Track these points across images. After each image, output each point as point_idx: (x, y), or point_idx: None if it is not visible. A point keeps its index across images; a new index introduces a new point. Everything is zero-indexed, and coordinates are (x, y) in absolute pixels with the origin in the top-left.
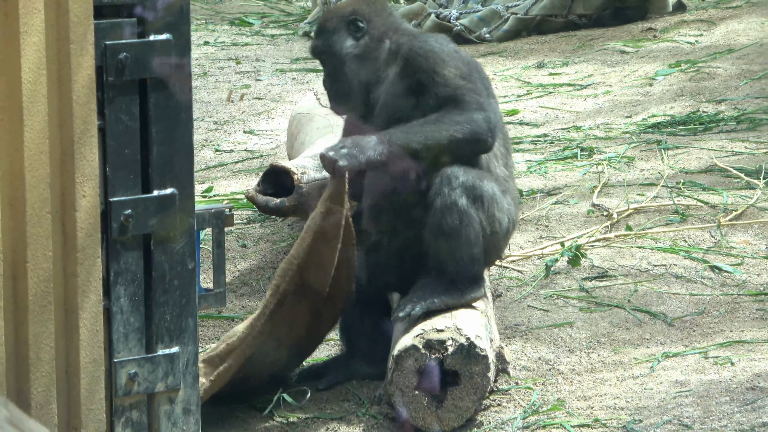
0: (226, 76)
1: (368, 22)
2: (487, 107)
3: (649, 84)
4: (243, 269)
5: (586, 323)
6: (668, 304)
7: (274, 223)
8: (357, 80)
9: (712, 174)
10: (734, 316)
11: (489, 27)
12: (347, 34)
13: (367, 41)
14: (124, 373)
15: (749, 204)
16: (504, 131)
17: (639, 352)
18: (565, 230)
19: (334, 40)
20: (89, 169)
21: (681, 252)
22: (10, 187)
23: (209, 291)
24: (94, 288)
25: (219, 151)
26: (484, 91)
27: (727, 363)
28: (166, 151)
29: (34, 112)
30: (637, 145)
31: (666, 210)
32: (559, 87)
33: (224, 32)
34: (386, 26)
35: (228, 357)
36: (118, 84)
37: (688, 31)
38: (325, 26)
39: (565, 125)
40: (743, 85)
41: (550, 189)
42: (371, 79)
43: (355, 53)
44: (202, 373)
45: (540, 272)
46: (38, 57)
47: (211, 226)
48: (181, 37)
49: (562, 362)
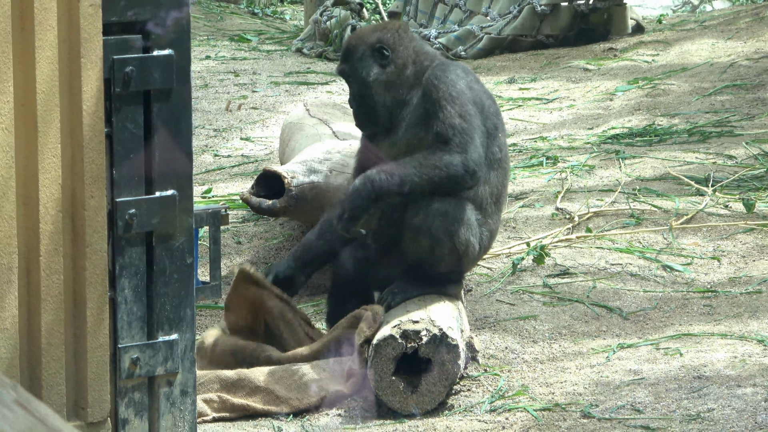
0: (226, 88)
1: (393, 51)
2: (469, 149)
3: (610, 99)
4: (238, 264)
5: (548, 316)
6: (624, 299)
7: (267, 223)
8: (382, 104)
9: (666, 182)
10: (684, 311)
11: (465, 45)
12: (373, 61)
13: (392, 69)
14: (127, 357)
15: (699, 209)
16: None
17: (596, 343)
18: (531, 231)
19: (360, 67)
20: (97, 172)
21: (636, 252)
22: (24, 187)
23: (206, 284)
24: (101, 280)
25: (218, 156)
26: (477, 131)
27: (676, 354)
28: (168, 156)
29: (48, 119)
30: (597, 155)
31: (623, 214)
32: (528, 101)
33: (224, 47)
34: (410, 52)
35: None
36: (125, 95)
37: (646, 51)
38: (352, 51)
39: (532, 136)
40: (695, 100)
41: (518, 194)
42: (395, 103)
43: (381, 80)
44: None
45: (507, 269)
46: (51, 70)
47: (209, 224)
48: (183, 52)
49: (526, 352)
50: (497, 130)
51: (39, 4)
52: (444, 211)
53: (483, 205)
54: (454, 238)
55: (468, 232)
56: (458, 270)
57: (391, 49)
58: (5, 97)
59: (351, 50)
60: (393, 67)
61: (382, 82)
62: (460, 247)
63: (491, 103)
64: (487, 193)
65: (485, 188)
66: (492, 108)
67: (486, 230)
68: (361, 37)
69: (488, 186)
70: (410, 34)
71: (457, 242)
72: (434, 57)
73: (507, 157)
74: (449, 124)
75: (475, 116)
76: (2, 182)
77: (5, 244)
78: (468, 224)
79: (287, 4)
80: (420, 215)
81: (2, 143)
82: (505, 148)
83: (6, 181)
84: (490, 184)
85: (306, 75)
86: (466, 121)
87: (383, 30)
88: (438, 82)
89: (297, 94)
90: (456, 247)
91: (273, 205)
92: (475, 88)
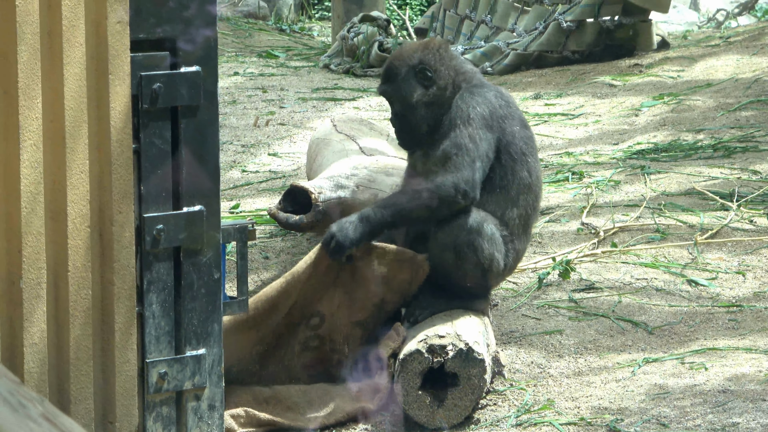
0: (254, 104)
1: (435, 72)
2: (463, 169)
3: (635, 114)
4: (265, 279)
5: (574, 331)
6: (649, 314)
7: (294, 238)
8: (425, 124)
9: (691, 197)
10: (708, 326)
11: (491, 61)
12: (416, 82)
13: (434, 90)
14: (155, 372)
15: (724, 224)
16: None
17: (622, 358)
18: (557, 246)
19: (403, 88)
20: (125, 188)
21: (661, 267)
22: (53, 202)
23: (233, 299)
24: (129, 295)
25: (245, 171)
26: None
27: (701, 368)
28: (195, 172)
29: (76, 135)
30: (623, 170)
31: (648, 229)
32: (554, 116)
33: (252, 64)
34: (451, 72)
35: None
36: (152, 111)
37: (671, 67)
38: (394, 72)
39: (558, 151)
40: (720, 116)
41: (544, 209)
42: (436, 122)
43: (424, 101)
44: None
45: (533, 284)
46: (80, 86)
47: (236, 239)
48: (210, 69)
49: (552, 366)
50: (525, 155)
51: (67, 21)
52: (467, 226)
53: (510, 225)
54: (478, 252)
55: (492, 246)
56: (484, 285)
57: (434, 70)
58: (34, 114)
59: (394, 71)
60: (435, 88)
61: (424, 102)
62: (484, 261)
63: (520, 128)
64: (515, 215)
65: (513, 210)
66: (520, 133)
67: (512, 248)
68: (404, 57)
69: (517, 208)
70: (450, 52)
71: (481, 256)
72: (472, 76)
73: (539, 180)
74: (455, 143)
75: (483, 140)
76: (31, 198)
77: (34, 260)
78: (492, 239)
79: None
80: (445, 230)
81: (31, 159)
82: (536, 171)
83: (34, 196)
84: (518, 206)
85: (333, 91)
86: (472, 142)
87: (425, 50)
88: (462, 103)
89: (324, 109)
90: (480, 261)
91: (300, 220)
92: (501, 114)
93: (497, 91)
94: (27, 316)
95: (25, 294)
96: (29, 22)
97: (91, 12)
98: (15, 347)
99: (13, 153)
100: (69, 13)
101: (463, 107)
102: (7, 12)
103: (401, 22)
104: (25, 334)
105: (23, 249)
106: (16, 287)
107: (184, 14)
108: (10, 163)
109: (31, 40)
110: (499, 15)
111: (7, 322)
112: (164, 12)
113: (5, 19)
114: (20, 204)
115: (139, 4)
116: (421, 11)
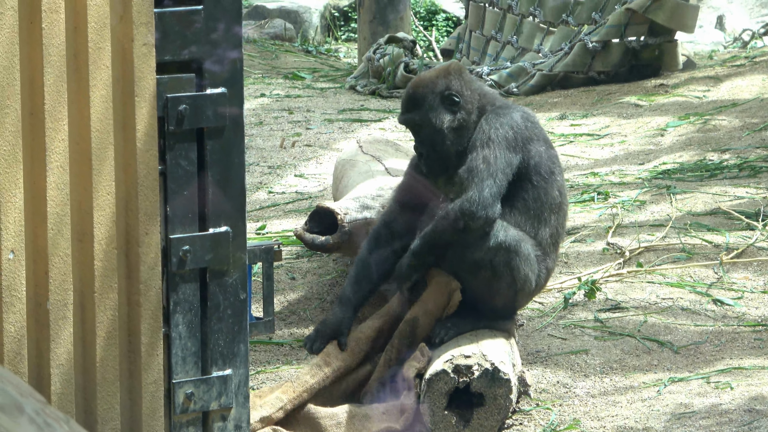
0: (280, 125)
1: (461, 96)
2: (468, 190)
3: (661, 134)
4: (291, 300)
5: (600, 350)
6: (674, 333)
7: (320, 259)
8: (454, 150)
9: (716, 216)
10: (734, 345)
11: (517, 82)
12: (443, 109)
13: (462, 114)
14: (181, 392)
15: (749, 244)
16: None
17: (647, 377)
18: (583, 266)
19: (431, 115)
20: (151, 209)
21: (687, 287)
22: (79, 224)
23: (259, 319)
24: (155, 316)
25: (272, 192)
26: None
27: (727, 388)
28: (221, 193)
29: (102, 157)
30: (648, 190)
31: (674, 248)
32: (579, 136)
33: (279, 85)
34: (475, 96)
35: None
36: (178, 132)
37: (697, 87)
38: (419, 100)
39: (584, 171)
40: (745, 136)
41: (570, 229)
42: (464, 147)
43: (453, 127)
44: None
45: (559, 304)
46: (105, 108)
47: (262, 260)
48: (235, 91)
49: (578, 386)
50: (554, 174)
51: (93, 43)
52: (506, 246)
53: (543, 245)
54: (515, 272)
55: (527, 267)
56: (512, 305)
57: (460, 94)
58: (60, 135)
59: (418, 99)
60: (463, 113)
61: (453, 128)
62: (518, 281)
63: (546, 148)
64: (547, 234)
65: (545, 230)
66: (547, 153)
67: (544, 267)
68: (427, 84)
69: (548, 228)
70: (469, 75)
71: (516, 276)
72: (494, 98)
73: (566, 198)
74: (472, 165)
75: (500, 160)
76: (57, 219)
77: (60, 281)
78: (528, 260)
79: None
80: (482, 249)
81: (57, 181)
82: (564, 190)
83: (61, 218)
84: (550, 226)
85: (359, 112)
86: (484, 163)
87: (447, 76)
88: (486, 125)
89: (350, 131)
90: (515, 281)
91: (326, 241)
92: (526, 135)
93: (523, 112)
94: (54, 337)
95: (52, 315)
96: (55, 44)
97: (117, 34)
98: (42, 368)
99: (40, 175)
100: (95, 35)
101: (486, 129)
102: (33, 34)
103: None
104: (52, 355)
105: (50, 271)
106: (42, 309)
107: (210, 36)
108: (36, 185)
109: (57, 63)
110: (524, 36)
111: (33, 343)
112: (190, 34)
113: (32, 41)
114: (47, 225)
115: (166, 26)
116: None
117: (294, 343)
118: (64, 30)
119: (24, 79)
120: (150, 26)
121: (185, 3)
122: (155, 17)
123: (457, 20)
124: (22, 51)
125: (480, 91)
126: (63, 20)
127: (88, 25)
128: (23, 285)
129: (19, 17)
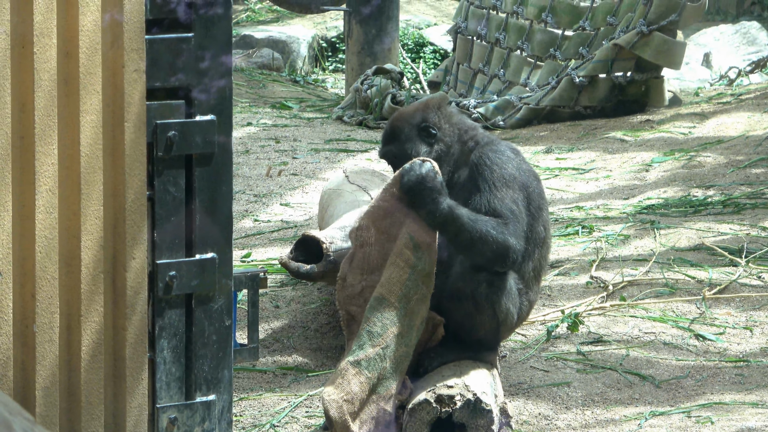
0: (266, 154)
1: (439, 129)
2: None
3: (646, 170)
4: (275, 327)
5: (582, 383)
6: (656, 367)
7: (305, 287)
8: None
9: (700, 252)
10: (715, 381)
11: (503, 115)
12: (420, 141)
13: (440, 146)
14: (165, 417)
15: (732, 280)
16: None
17: (629, 411)
18: (566, 299)
19: (408, 147)
20: (139, 234)
21: (669, 321)
22: (67, 247)
23: (244, 346)
24: (140, 340)
25: (258, 220)
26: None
27: (707, 422)
28: (208, 219)
29: (91, 182)
30: (632, 225)
31: (657, 283)
32: (565, 170)
33: (266, 114)
34: (454, 129)
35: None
36: (167, 159)
37: (683, 123)
38: (397, 133)
39: (568, 205)
40: (730, 172)
41: (553, 262)
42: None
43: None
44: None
45: (542, 336)
46: (95, 133)
47: (247, 287)
48: (224, 118)
49: (559, 418)
50: (541, 210)
51: (84, 69)
52: (489, 280)
53: (525, 278)
54: (496, 306)
55: (509, 301)
56: (495, 337)
57: (437, 127)
58: (50, 159)
59: (396, 132)
60: (441, 145)
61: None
62: (500, 315)
63: (536, 183)
64: (529, 268)
65: (529, 264)
66: (537, 189)
67: (526, 300)
68: (405, 118)
69: (531, 262)
70: (450, 109)
71: (498, 310)
72: (475, 131)
73: (549, 233)
74: (506, 207)
75: (522, 202)
76: (45, 243)
77: (47, 304)
78: (510, 294)
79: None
80: (465, 281)
81: (46, 204)
82: (548, 224)
83: (49, 241)
84: (533, 260)
85: (346, 142)
86: (516, 204)
87: (426, 109)
88: (491, 163)
89: (337, 161)
90: (496, 315)
91: (311, 269)
92: (523, 169)
93: (512, 147)
94: (39, 359)
95: (38, 338)
96: (47, 69)
97: (108, 60)
98: (27, 390)
99: (29, 198)
100: (86, 61)
101: (495, 168)
102: (25, 59)
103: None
104: (38, 378)
105: (37, 293)
106: (29, 331)
107: (199, 64)
108: (25, 208)
109: (48, 87)
110: (512, 69)
111: (19, 365)
112: (180, 61)
113: (23, 66)
114: (35, 249)
115: (156, 53)
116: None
117: (277, 371)
118: (56, 55)
119: (15, 103)
120: (141, 53)
121: (176, 30)
122: (146, 44)
123: (445, 53)
124: (13, 75)
125: (460, 124)
126: (55, 45)
127: (79, 50)
128: (10, 307)
129: (11, 42)
